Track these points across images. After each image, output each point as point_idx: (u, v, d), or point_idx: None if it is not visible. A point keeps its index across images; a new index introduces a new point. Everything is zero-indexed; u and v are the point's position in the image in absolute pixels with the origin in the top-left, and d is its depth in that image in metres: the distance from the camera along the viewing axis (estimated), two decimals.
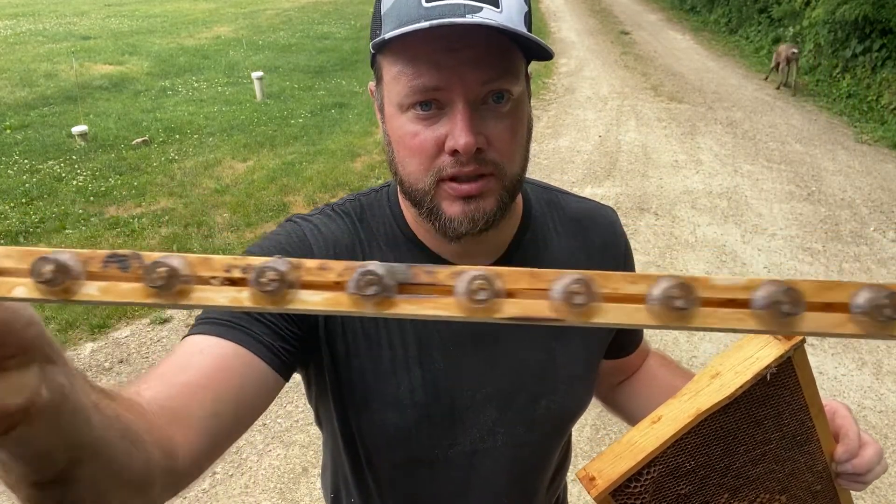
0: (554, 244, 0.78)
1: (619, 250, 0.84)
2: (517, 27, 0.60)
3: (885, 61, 7.61)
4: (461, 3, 0.58)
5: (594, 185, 5.17)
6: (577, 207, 0.83)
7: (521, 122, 0.66)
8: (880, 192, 5.06)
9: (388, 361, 0.71)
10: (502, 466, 0.78)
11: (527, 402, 0.76)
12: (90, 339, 3.23)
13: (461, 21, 0.56)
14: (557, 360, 0.76)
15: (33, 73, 8.68)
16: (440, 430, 0.74)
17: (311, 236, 0.71)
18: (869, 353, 3.11)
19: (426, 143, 0.63)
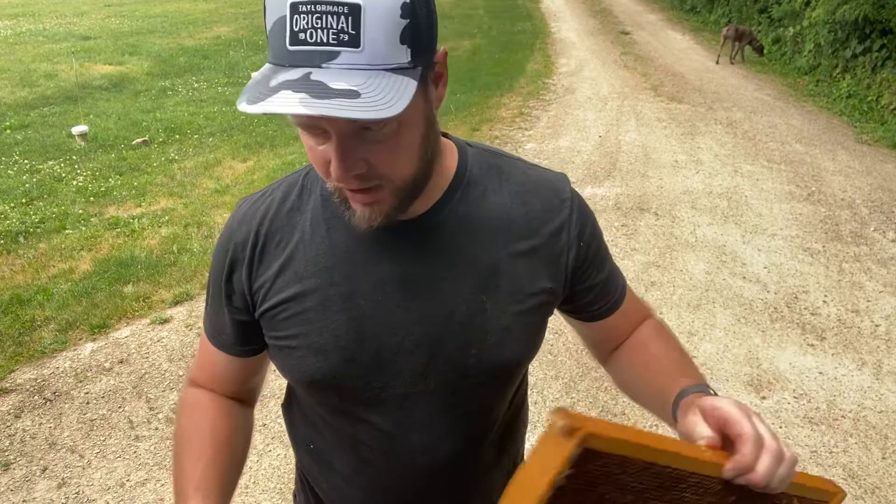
0: (489, 202, 0.79)
1: (563, 215, 0.82)
2: (383, 61, 0.60)
3: (885, 61, 7.61)
4: (318, 51, 0.58)
5: (594, 185, 5.17)
6: (524, 174, 0.84)
7: (406, 136, 0.67)
8: (880, 192, 5.06)
9: (311, 311, 0.78)
10: (437, 410, 0.81)
11: (456, 349, 0.78)
12: (90, 339, 3.23)
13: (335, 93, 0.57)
14: (487, 312, 0.78)
15: (33, 73, 8.68)
16: (369, 373, 0.79)
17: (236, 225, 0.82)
18: (869, 354, 3.11)
19: (320, 159, 0.67)
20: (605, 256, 0.88)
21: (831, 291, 3.66)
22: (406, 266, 0.77)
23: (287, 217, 0.80)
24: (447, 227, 0.77)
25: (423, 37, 0.63)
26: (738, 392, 2.84)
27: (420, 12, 0.62)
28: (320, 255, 0.78)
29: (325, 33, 0.58)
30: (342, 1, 0.57)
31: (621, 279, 0.92)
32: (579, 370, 2.99)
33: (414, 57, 0.62)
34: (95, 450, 2.55)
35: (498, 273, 0.78)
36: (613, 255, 0.95)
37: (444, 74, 0.72)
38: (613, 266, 0.91)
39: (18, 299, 3.52)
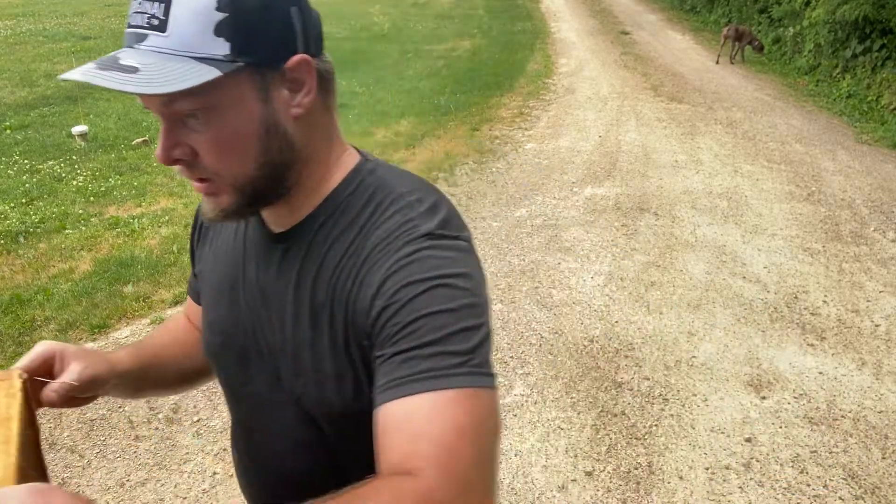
0: (348, 237, 0.72)
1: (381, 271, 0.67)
2: (190, 49, 0.63)
3: (885, 61, 7.61)
4: (134, 33, 0.64)
5: (594, 185, 5.17)
6: (390, 219, 0.71)
7: (225, 131, 0.67)
8: (880, 192, 5.06)
9: (212, 291, 0.86)
10: (288, 423, 0.80)
11: (295, 369, 0.76)
12: (90, 339, 3.22)
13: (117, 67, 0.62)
14: (313, 349, 0.74)
15: (33, 73, 8.68)
16: (236, 364, 0.83)
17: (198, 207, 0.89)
18: (869, 354, 3.11)
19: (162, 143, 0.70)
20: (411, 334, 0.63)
21: (831, 291, 3.66)
22: (266, 277, 0.78)
23: None
24: (301, 250, 0.75)
25: (254, 35, 0.64)
26: (738, 392, 2.84)
27: (249, 10, 0.64)
28: (227, 242, 0.85)
29: (142, 17, 0.63)
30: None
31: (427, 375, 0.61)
32: (579, 370, 2.99)
33: (236, 52, 0.63)
34: (95, 450, 2.55)
35: (326, 313, 0.72)
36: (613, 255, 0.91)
37: (306, 83, 0.69)
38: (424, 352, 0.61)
39: (18, 299, 3.52)
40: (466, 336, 0.63)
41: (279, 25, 0.66)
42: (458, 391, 0.60)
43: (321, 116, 0.74)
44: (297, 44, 0.68)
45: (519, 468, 2.44)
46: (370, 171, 0.77)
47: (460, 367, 0.61)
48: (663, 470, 2.43)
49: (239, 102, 0.66)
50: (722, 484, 2.37)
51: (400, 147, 6.00)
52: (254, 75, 0.65)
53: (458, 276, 0.66)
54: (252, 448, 0.88)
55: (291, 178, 0.73)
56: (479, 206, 4.79)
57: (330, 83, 0.74)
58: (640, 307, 3.48)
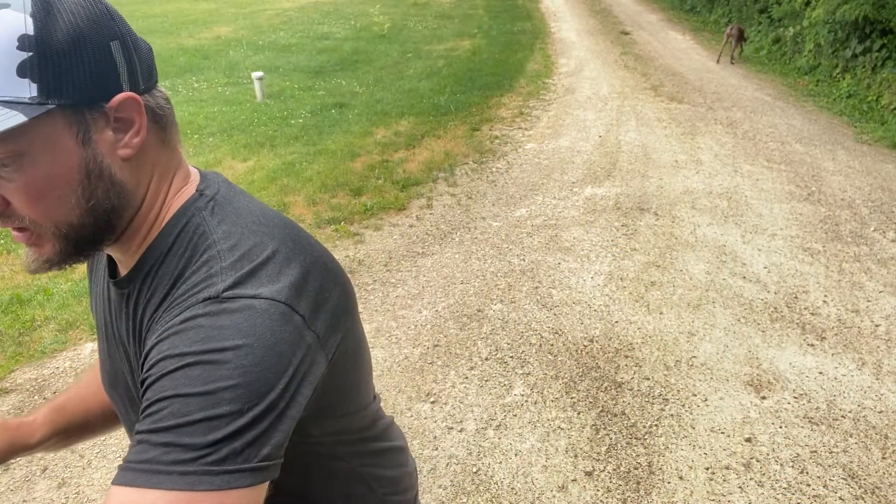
0: (156, 294, 0.68)
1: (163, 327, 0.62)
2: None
3: (885, 61, 7.61)
4: None
5: (594, 185, 5.17)
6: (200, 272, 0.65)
7: (37, 177, 0.62)
8: (880, 192, 5.06)
9: (97, 328, 0.83)
10: None
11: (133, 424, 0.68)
12: (90, 339, 3.23)
13: None
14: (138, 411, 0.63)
15: None
16: (122, 405, 0.81)
17: None
18: (869, 354, 3.11)
19: None
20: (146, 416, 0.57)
21: (831, 291, 3.66)
22: (110, 318, 0.77)
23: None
24: (133, 298, 0.71)
25: (65, 74, 0.60)
26: (738, 392, 2.84)
27: (57, 48, 0.59)
28: (99, 288, 0.82)
29: None
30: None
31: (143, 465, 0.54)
32: (579, 370, 2.99)
33: (44, 94, 0.59)
34: (95, 450, 2.55)
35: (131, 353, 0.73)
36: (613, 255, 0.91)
37: (135, 121, 0.65)
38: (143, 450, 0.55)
39: (18, 299, 3.52)
40: (212, 426, 0.54)
41: (95, 63, 0.61)
42: (174, 493, 0.52)
43: (157, 154, 0.69)
44: (121, 81, 0.63)
45: (519, 468, 2.44)
46: (198, 210, 0.70)
47: (187, 465, 0.53)
48: (663, 470, 2.43)
49: (52, 147, 0.61)
50: (722, 484, 2.37)
51: (400, 147, 6.00)
52: (69, 117, 0.60)
53: (226, 350, 0.57)
54: None
55: (122, 222, 0.69)
56: (479, 206, 4.79)
57: (165, 118, 0.69)
58: (640, 307, 3.48)
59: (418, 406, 2.76)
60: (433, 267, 3.94)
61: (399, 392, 2.84)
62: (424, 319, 3.39)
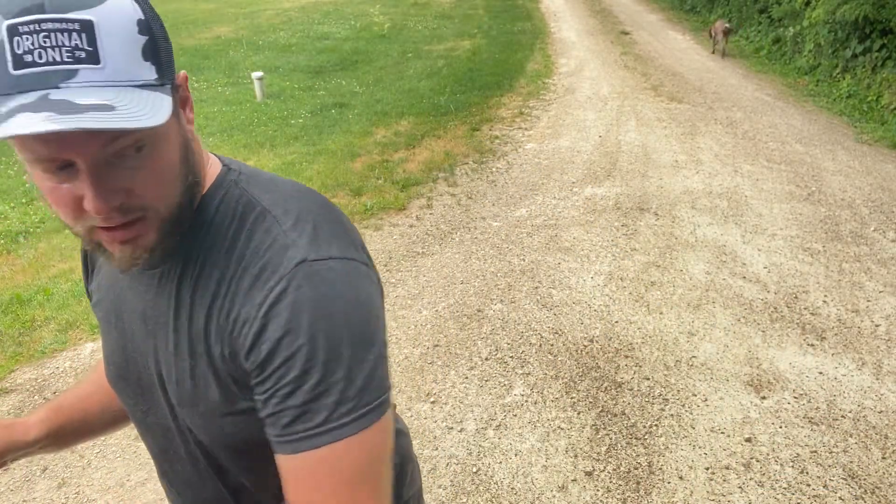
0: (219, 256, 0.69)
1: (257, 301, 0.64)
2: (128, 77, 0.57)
3: (885, 61, 7.61)
4: (53, 71, 0.54)
5: (594, 185, 5.17)
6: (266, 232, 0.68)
7: (164, 159, 0.63)
8: (880, 192, 5.06)
9: (102, 322, 0.82)
10: (188, 451, 0.79)
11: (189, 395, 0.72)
12: (90, 339, 3.23)
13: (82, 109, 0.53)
14: (195, 379, 0.70)
15: None
16: (136, 394, 0.80)
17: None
18: (869, 354, 3.11)
19: (66, 200, 0.61)
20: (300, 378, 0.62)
21: (831, 291, 3.66)
22: (143, 303, 0.74)
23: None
24: (175, 274, 0.71)
25: (164, 55, 0.62)
26: (738, 392, 2.84)
27: (157, 31, 0.61)
28: (111, 273, 0.80)
29: (59, 52, 0.54)
30: (71, 17, 0.54)
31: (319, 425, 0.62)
32: (579, 370, 2.99)
33: (160, 74, 0.61)
34: (95, 450, 2.55)
35: (205, 340, 0.69)
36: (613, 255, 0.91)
37: (189, 98, 0.68)
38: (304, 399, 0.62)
39: (18, 299, 3.52)
40: (354, 376, 0.63)
41: (168, 41, 0.64)
42: (350, 440, 0.63)
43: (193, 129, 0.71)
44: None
45: (519, 468, 2.44)
46: (233, 183, 0.72)
47: (353, 412, 0.63)
48: (663, 470, 2.43)
49: (169, 127, 0.62)
50: (722, 484, 2.37)
51: (400, 147, 6.00)
52: (171, 96, 0.61)
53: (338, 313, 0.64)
54: (170, 476, 0.85)
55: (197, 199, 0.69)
56: (479, 206, 4.79)
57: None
58: (640, 307, 3.48)
59: (418, 406, 2.77)
60: (433, 267, 3.94)
61: (399, 392, 2.84)
62: (424, 319, 3.39)
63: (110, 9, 0.57)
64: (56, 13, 0.54)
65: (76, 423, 0.94)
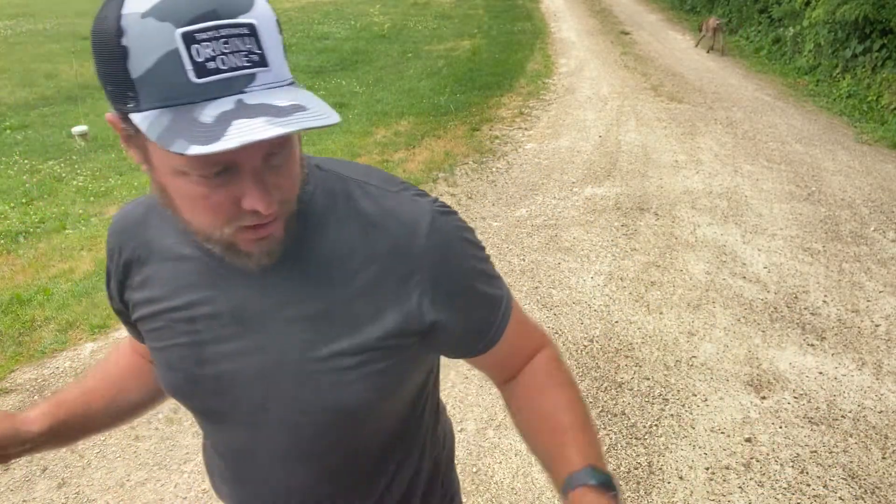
0: (328, 236, 0.73)
1: (413, 256, 0.73)
2: (283, 77, 0.60)
3: (886, 61, 7.61)
4: (236, 77, 0.56)
5: (594, 185, 5.17)
6: (375, 203, 0.75)
7: (296, 155, 0.66)
8: (880, 192, 5.06)
9: (163, 329, 0.80)
10: (284, 441, 0.81)
11: (290, 388, 0.76)
12: (90, 339, 3.23)
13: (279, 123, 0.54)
14: (320, 355, 0.74)
15: (33, 73, 8.68)
16: (211, 396, 0.80)
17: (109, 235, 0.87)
18: (869, 354, 3.11)
19: (221, 204, 0.62)
20: (476, 294, 0.80)
21: (831, 291, 3.66)
22: (239, 299, 0.75)
23: (146, 234, 0.81)
24: (284, 263, 0.72)
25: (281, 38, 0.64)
26: (738, 392, 2.84)
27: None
28: (168, 278, 0.79)
29: (238, 57, 0.55)
30: (241, 22, 0.55)
31: (501, 309, 0.83)
32: (579, 370, 2.99)
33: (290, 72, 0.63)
34: (95, 450, 2.55)
35: (332, 315, 0.73)
36: (613, 255, 0.93)
37: None
38: (490, 298, 0.82)
39: (18, 299, 3.52)
40: (499, 284, 0.85)
41: None
42: (513, 312, 0.85)
43: None
44: None
45: (519, 468, 2.44)
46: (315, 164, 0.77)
47: (510, 301, 0.85)
48: (663, 470, 2.43)
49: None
50: (722, 484, 2.37)
51: (400, 147, 6.00)
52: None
53: (473, 243, 0.81)
54: (245, 473, 0.86)
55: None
56: (479, 206, 4.79)
57: None
58: (640, 307, 3.48)
59: None
60: None
61: None
62: None
63: (260, 10, 0.58)
64: (229, 18, 0.55)
65: (79, 419, 0.93)
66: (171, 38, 0.53)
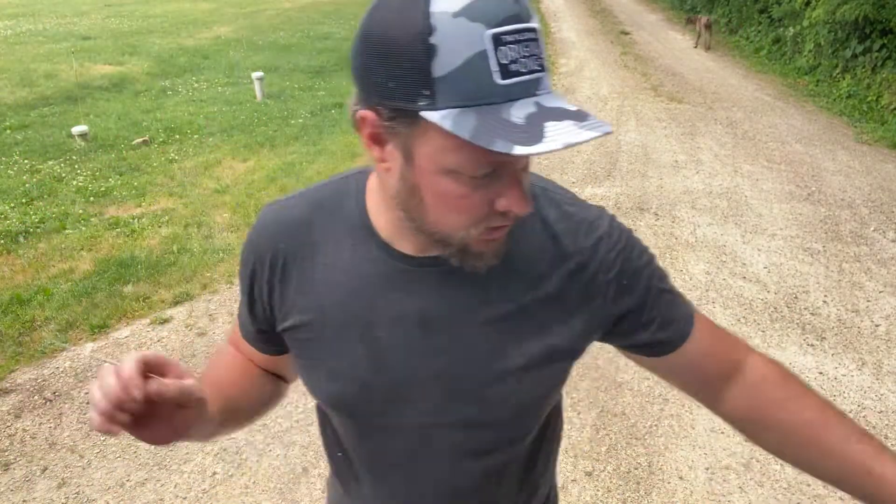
0: (516, 241, 0.74)
1: (597, 258, 0.76)
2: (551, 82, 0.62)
3: (885, 61, 7.61)
4: (532, 80, 0.57)
5: (594, 185, 5.17)
6: (559, 210, 0.77)
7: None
8: (880, 192, 5.06)
9: (330, 338, 0.78)
10: (454, 443, 0.81)
11: (471, 388, 0.76)
12: (90, 339, 3.23)
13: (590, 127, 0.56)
14: (507, 354, 0.75)
15: (33, 73, 8.68)
16: (384, 402, 0.78)
17: (257, 236, 0.82)
18: (869, 354, 3.11)
19: (477, 205, 0.63)
20: (657, 289, 0.80)
21: (831, 291, 3.66)
22: (426, 301, 0.74)
23: (309, 235, 0.78)
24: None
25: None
26: None
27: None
28: (342, 281, 0.76)
29: (532, 61, 0.57)
30: (533, 26, 0.57)
31: (683, 304, 0.83)
32: (579, 370, 2.99)
33: None
34: (95, 450, 2.55)
35: (521, 316, 0.75)
36: None
37: None
38: (671, 292, 0.82)
39: (18, 299, 3.52)
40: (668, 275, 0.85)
41: None
42: (699, 315, 0.85)
43: None
44: None
45: None
46: None
47: (690, 305, 0.85)
48: (663, 470, 2.43)
49: None
50: (722, 484, 2.37)
51: None
52: None
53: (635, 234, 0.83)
54: (405, 482, 0.85)
55: None
56: None
57: None
58: None
59: None
60: None
61: None
62: None
63: (535, 16, 0.59)
64: (527, 22, 0.57)
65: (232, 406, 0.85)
66: (481, 38, 0.54)
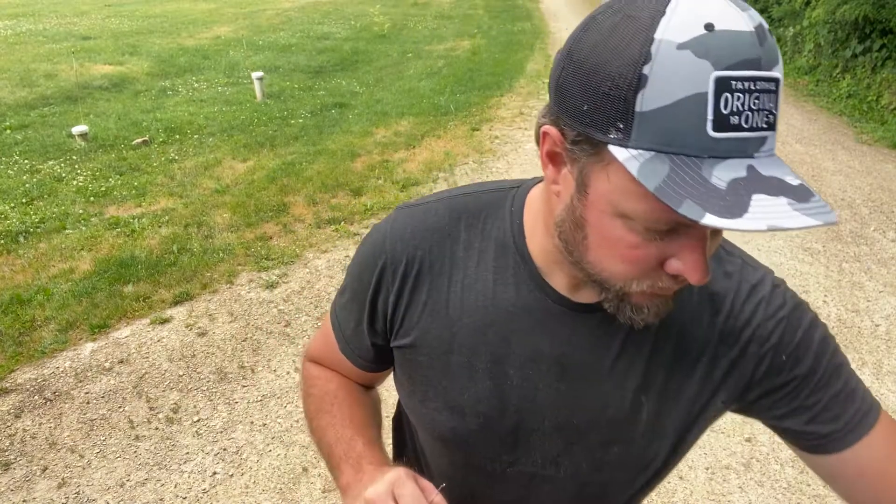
0: (679, 300, 0.66)
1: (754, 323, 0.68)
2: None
3: (885, 61, 7.61)
4: (753, 138, 0.48)
5: None
6: (722, 270, 0.70)
7: None
8: (880, 192, 5.06)
9: (456, 366, 0.71)
10: (562, 496, 0.77)
11: (598, 443, 0.72)
12: (90, 339, 3.23)
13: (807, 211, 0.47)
14: (642, 413, 0.70)
15: (33, 73, 8.68)
16: (501, 445, 0.73)
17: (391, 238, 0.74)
18: (869, 353, 3.11)
19: (645, 259, 0.56)
20: (825, 375, 0.68)
21: (831, 291, 3.66)
22: (566, 347, 0.69)
23: (451, 247, 0.72)
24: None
25: None
26: None
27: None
28: (479, 306, 0.70)
29: (760, 116, 0.48)
30: (773, 76, 0.48)
31: (860, 405, 0.68)
32: None
33: None
34: (95, 450, 2.55)
35: (666, 376, 0.69)
36: None
37: None
38: (845, 386, 0.68)
39: (18, 299, 3.52)
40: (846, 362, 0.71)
41: None
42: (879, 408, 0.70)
43: None
44: None
45: None
46: None
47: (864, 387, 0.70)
48: None
49: None
50: (722, 484, 2.37)
51: (400, 147, 6.00)
52: None
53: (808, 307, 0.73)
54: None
55: None
56: None
57: None
58: None
59: None
60: None
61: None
62: None
63: (781, 64, 0.50)
64: (767, 71, 0.48)
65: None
66: (704, 79, 0.46)
